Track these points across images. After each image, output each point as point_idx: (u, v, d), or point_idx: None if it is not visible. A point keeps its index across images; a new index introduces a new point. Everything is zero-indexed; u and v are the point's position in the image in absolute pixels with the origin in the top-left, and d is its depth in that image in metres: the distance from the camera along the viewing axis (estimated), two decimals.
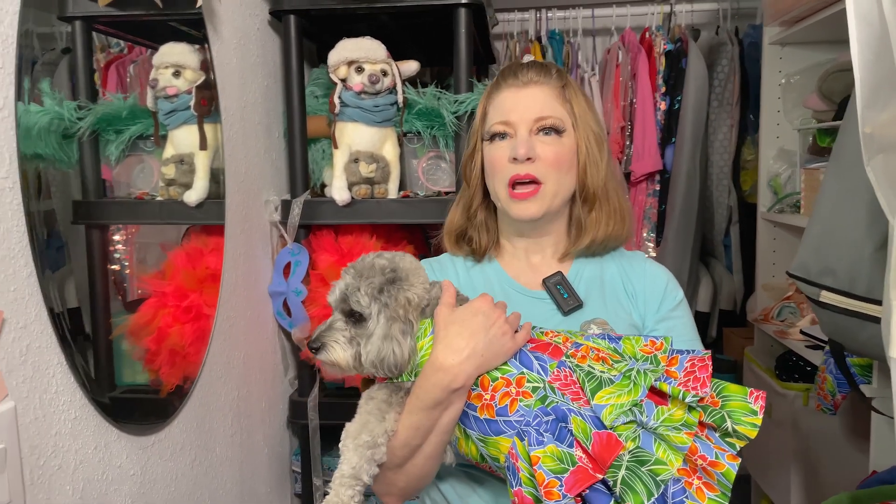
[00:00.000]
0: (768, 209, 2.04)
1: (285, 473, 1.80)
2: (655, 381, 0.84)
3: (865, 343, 1.14)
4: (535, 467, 0.81)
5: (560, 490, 0.79)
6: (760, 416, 0.82)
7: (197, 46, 1.46)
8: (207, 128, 1.48)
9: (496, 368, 0.90)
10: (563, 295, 1.05)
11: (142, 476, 1.11)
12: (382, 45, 1.61)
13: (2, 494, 0.80)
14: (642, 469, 0.80)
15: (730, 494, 0.81)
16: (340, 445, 0.94)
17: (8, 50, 0.83)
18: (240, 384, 1.50)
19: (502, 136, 1.03)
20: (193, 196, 1.42)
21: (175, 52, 1.45)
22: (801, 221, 1.81)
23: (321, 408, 1.73)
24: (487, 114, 1.06)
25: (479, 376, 0.90)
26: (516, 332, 0.92)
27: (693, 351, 0.88)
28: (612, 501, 0.80)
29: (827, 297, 1.17)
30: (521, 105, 1.01)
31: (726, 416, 0.82)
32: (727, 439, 0.83)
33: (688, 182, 2.54)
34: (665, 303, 1.05)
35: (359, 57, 1.60)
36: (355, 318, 0.92)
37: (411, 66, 1.67)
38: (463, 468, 1.03)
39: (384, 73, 1.61)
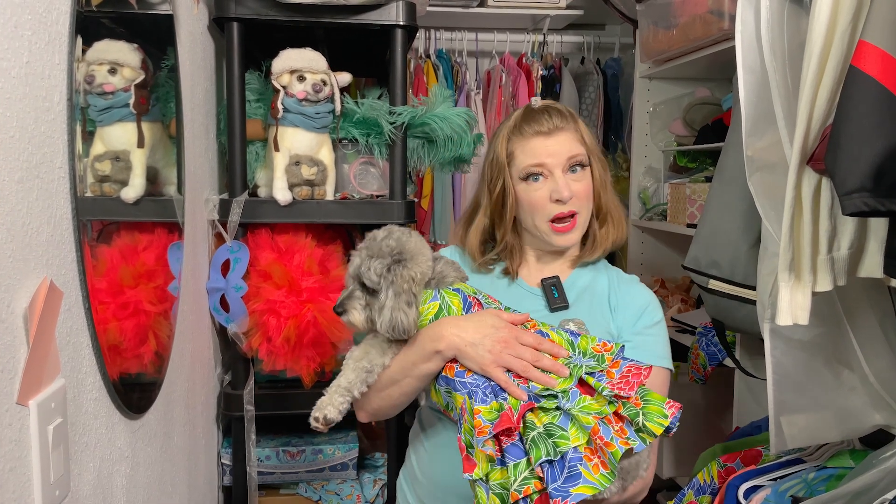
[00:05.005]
0: (640, 217, 2.40)
1: (214, 465, 1.83)
2: (586, 374, 1.04)
3: (742, 320, 1.45)
4: (476, 417, 1.01)
5: (490, 430, 1.00)
6: (668, 420, 1.01)
7: (136, 45, 1.50)
8: (144, 126, 1.52)
9: None
10: (554, 295, 1.24)
11: (132, 458, 1.16)
12: (323, 57, 1.73)
13: (57, 467, 0.85)
14: (549, 440, 0.98)
15: (616, 473, 0.99)
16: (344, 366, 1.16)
17: (61, 47, 0.89)
18: (188, 377, 1.54)
19: (536, 176, 1.21)
20: (132, 193, 1.45)
21: (113, 50, 1.47)
22: (668, 227, 2.16)
23: (254, 400, 1.80)
24: (515, 157, 1.22)
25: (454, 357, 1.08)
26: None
27: (636, 361, 1.08)
28: (525, 458, 0.99)
29: (714, 284, 1.47)
30: (553, 149, 1.20)
31: (639, 413, 1.01)
32: (640, 434, 1.02)
33: None
34: (642, 320, 1.23)
35: (302, 67, 1.71)
36: (369, 290, 1.11)
37: (345, 78, 1.80)
38: (433, 412, 1.25)
39: (324, 83, 1.73)
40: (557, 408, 1.01)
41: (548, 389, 1.02)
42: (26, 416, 0.78)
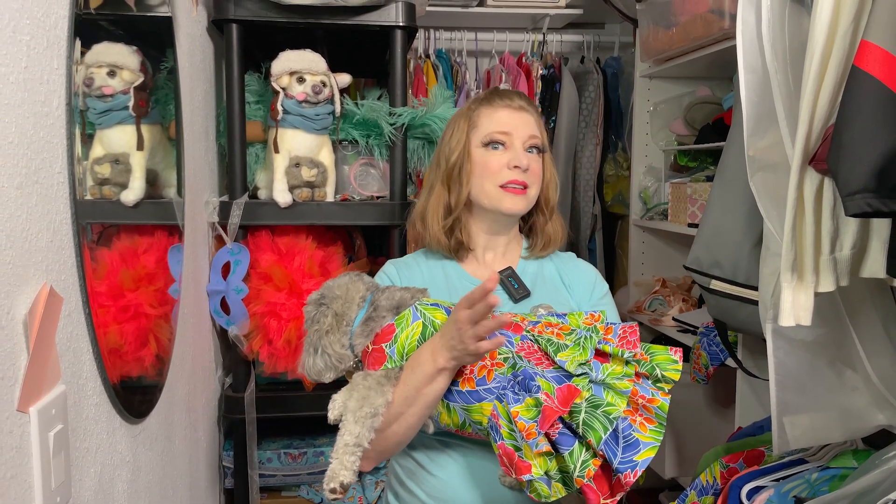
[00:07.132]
0: (640, 217, 2.39)
1: (215, 468, 1.83)
2: (598, 344, 1.07)
3: (744, 321, 1.45)
4: (515, 419, 1.00)
5: (536, 430, 0.99)
6: (680, 364, 1.07)
7: (135, 48, 1.49)
8: (144, 129, 1.51)
9: None
10: (514, 286, 1.25)
11: (133, 463, 1.15)
12: (322, 58, 1.73)
13: (58, 474, 0.84)
14: (597, 412, 1.01)
15: (665, 424, 1.04)
16: (331, 417, 1.09)
17: (60, 51, 0.88)
18: (189, 381, 1.54)
19: (497, 145, 1.22)
20: (131, 196, 1.45)
21: (112, 53, 1.47)
22: (668, 227, 2.16)
23: (255, 402, 1.80)
24: (480, 124, 1.23)
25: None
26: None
27: (623, 322, 1.12)
28: (577, 442, 1.00)
29: (716, 284, 1.46)
30: (518, 123, 1.22)
31: (655, 367, 1.05)
32: (658, 384, 1.06)
33: (561, 193, 2.87)
34: (595, 292, 1.28)
35: (301, 68, 1.70)
36: None
37: (344, 79, 1.80)
38: (436, 436, 1.18)
39: (324, 84, 1.72)
40: (590, 381, 1.03)
41: (579, 367, 1.03)
42: (27, 423, 0.77)
